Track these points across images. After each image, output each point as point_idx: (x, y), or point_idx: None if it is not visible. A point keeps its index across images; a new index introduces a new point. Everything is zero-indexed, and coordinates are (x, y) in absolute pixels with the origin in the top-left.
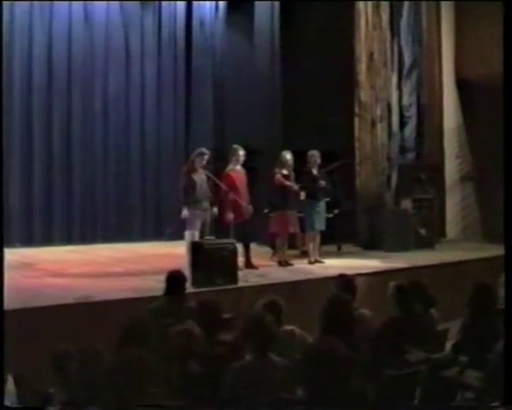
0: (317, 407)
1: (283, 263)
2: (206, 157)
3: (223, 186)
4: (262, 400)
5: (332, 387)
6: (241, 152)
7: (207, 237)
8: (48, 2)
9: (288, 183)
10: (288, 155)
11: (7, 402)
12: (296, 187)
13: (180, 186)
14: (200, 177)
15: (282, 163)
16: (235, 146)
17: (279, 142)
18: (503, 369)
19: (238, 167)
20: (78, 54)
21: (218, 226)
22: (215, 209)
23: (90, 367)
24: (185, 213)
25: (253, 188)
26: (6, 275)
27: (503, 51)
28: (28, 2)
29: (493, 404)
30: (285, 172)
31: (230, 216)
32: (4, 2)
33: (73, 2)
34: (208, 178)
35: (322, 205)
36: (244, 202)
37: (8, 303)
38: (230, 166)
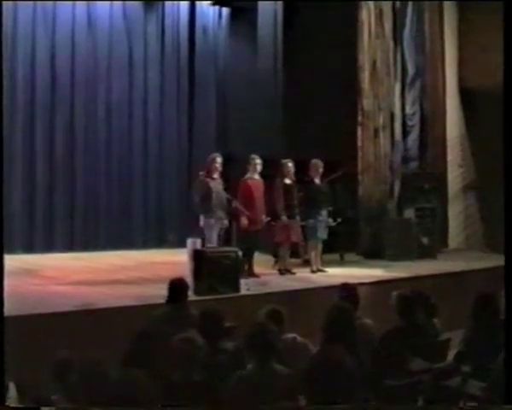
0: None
1: (285, 272)
2: (220, 160)
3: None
4: (264, 408)
5: (335, 397)
6: (259, 161)
7: (228, 248)
8: (51, 5)
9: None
10: (290, 164)
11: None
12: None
13: (196, 193)
14: (217, 184)
15: (284, 172)
16: (253, 155)
17: (282, 150)
18: (505, 376)
19: (256, 176)
20: (81, 59)
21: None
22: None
23: (91, 375)
24: (202, 220)
25: None
26: (8, 281)
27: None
28: (31, 4)
29: None
30: (288, 181)
31: (245, 223)
32: (7, 7)
33: (77, 5)
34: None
35: (324, 214)
36: (260, 211)
37: (10, 310)
38: (248, 175)
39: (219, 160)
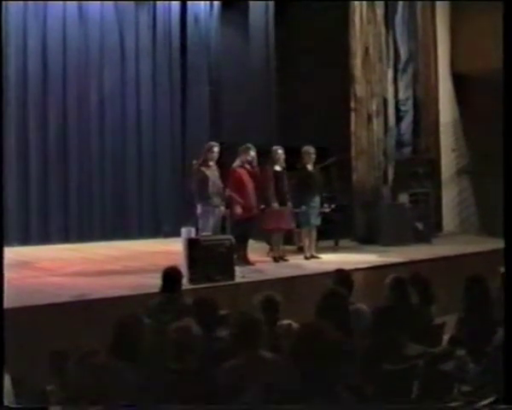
0: (315, 401)
1: (278, 259)
2: (216, 149)
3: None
4: (257, 396)
5: (322, 372)
6: (253, 153)
7: (222, 236)
8: (42, 1)
9: None
10: (280, 151)
11: (6, 402)
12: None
13: (193, 181)
14: (213, 172)
15: (274, 159)
16: (248, 145)
17: (275, 138)
18: (503, 365)
19: (246, 164)
20: (73, 52)
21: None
22: (222, 208)
23: (87, 365)
24: (199, 209)
25: None
26: (4, 274)
27: (502, 47)
28: (22, 2)
29: (491, 398)
30: (278, 168)
31: (239, 211)
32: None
33: (68, 1)
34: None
35: (317, 200)
36: (252, 198)
37: (6, 302)
38: (238, 163)
39: (216, 149)
